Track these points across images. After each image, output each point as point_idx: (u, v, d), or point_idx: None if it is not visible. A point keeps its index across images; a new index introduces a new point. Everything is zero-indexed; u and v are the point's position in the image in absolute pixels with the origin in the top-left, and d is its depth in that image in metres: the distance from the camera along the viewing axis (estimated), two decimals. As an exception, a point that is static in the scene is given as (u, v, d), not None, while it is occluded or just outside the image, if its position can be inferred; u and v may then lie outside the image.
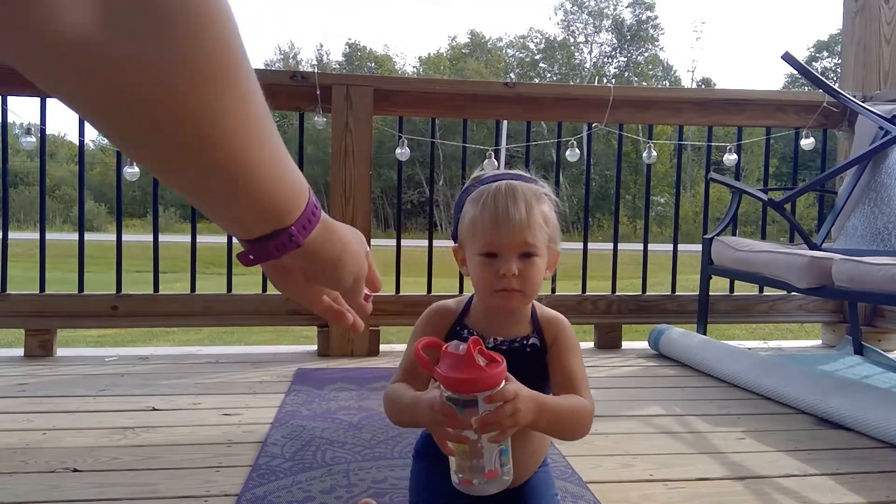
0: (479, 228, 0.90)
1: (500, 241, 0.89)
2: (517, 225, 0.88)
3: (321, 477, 1.36)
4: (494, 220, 0.88)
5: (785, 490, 1.37)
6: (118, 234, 2.62)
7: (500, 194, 0.90)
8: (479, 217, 0.90)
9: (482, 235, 0.90)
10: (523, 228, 0.88)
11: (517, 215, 0.88)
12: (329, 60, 40.42)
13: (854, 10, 3.01)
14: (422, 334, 0.98)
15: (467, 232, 0.93)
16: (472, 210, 0.92)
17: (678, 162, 3.53)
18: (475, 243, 0.91)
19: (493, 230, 0.89)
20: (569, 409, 0.90)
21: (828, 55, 36.74)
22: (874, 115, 2.57)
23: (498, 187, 0.91)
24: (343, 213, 2.57)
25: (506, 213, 0.88)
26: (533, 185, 0.94)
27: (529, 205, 0.89)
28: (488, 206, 0.89)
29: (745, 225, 9.98)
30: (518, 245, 0.89)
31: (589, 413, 0.93)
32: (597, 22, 40.18)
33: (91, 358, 2.49)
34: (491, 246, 0.90)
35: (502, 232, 0.88)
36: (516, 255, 0.89)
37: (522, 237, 0.88)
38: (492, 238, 0.89)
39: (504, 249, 0.89)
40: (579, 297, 2.85)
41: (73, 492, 1.30)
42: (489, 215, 0.89)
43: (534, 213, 0.89)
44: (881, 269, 1.81)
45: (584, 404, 0.93)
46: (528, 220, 0.88)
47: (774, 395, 2.00)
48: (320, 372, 2.29)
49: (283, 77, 2.71)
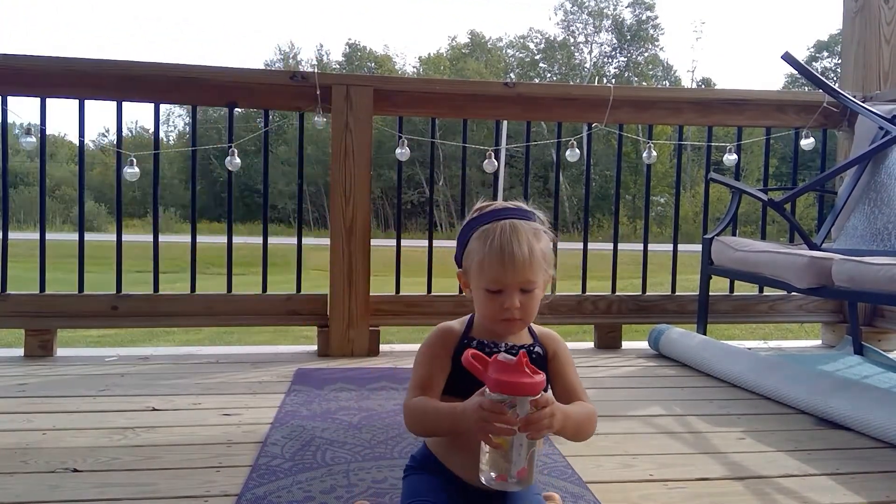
0: (486, 267, 1.00)
1: (505, 280, 0.99)
2: (520, 266, 0.98)
3: (321, 477, 1.36)
4: (500, 262, 0.98)
5: (785, 490, 1.37)
6: (118, 235, 2.62)
7: (505, 236, 1.00)
8: (487, 257, 1.00)
9: (488, 273, 1.00)
10: (525, 269, 0.98)
11: (521, 257, 0.98)
12: (329, 60, 40.40)
13: (854, 11, 3.01)
14: (431, 352, 1.07)
15: (475, 269, 1.03)
16: (479, 248, 1.01)
17: (678, 162, 3.53)
18: (481, 279, 1.01)
19: (498, 270, 0.99)
20: (585, 416, 1.03)
21: (828, 55, 36.71)
22: (874, 115, 2.57)
23: (503, 229, 1.00)
24: (343, 213, 2.57)
25: (511, 256, 0.98)
26: (532, 224, 1.04)
27: (531, 246, 0.99)
28: (494, 248, 0.99)
29: (745, 225, 9.98)
30: (520, 283, 1.00)
31: (596, 417, 1.06)
32: (597, 22, 40.15)
33: (91, 358, 2.49)
34: (496, 283, 1.00)
35: (507, 272, 0.98)
36: (518, 290, 1.00)
37: (525, 276, 0.99)
38: (497, 276, 0.99)
39: (508, 287, 1.00)
40: (579, 297, 2.85)
41: (73, 492, 1.30)
42: (495, 257, 0.99)
43: (535, 254, 0.99)
44: (881, 269, 1.81)
45: (593, 410, 1.05)
46: (530, 261, 0.99)
47: (774, 395, 2.00)
48: (320, 372, 2.29)
49: (283, 77, 2.72)
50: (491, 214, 1.04)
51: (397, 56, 41.78)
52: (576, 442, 1.06)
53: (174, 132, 38.47)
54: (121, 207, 2.69)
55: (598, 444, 1.62)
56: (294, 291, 2.71)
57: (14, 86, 2.47)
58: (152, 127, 2.76)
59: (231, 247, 2.69)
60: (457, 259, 1.09)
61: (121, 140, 2.68)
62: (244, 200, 24.97)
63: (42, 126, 2.55)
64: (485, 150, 2.80)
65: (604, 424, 1.77)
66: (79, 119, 2.56)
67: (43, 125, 2.55)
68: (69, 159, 30.64)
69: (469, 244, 1.05)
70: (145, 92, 2.56)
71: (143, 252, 3.56)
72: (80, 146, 2.62)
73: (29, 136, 2.52)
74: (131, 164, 2.56)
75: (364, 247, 2.60)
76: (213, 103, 2.75)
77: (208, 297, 2.64)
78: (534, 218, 1.05)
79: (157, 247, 2.66)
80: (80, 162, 2.64)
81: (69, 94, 2.51)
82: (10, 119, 2.49)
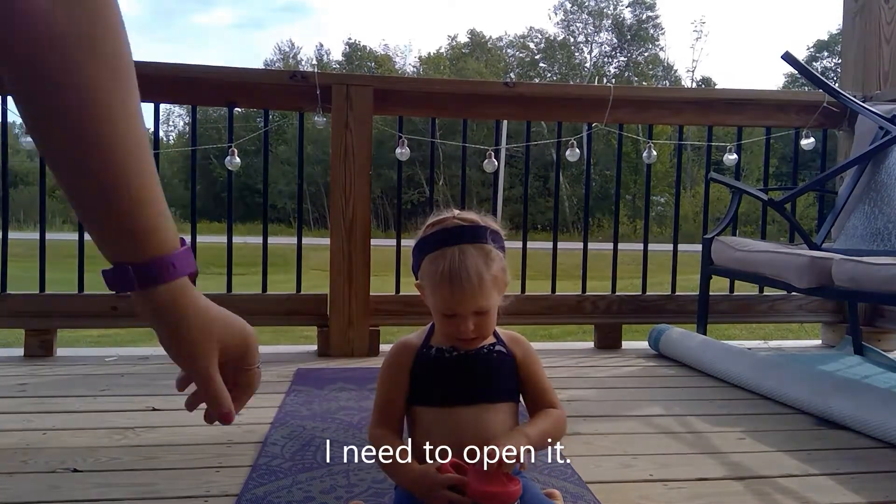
0: (438, 296, 1.01)
1: (457, 309, 1.00)
2: (470, 296, 0.99)
3: (321, 477, 1.36)
4: (451, 293, 0.99)
5: (785, 490, 1.37)
6: (118, 234, 2.61)
7: (454, 266, 0.99)
8: (438, 287, 1.01)
9: (441, 302, 1.02)
10: (476, 297, 1.00)
11: (470, 289, 0.99)
12: (329, 60, 40.40)
13: (854, 10, 3.01)
14: (387, 374, 1.09)
15: (428, 292, 1.04)
16: (431, 274, 1.02)
17: (678, 162, 3.52)
18: (435, 303, 1.03)
19: (449, 300, 1.00)
20: (551, 426, 1.06)
21: (828, 55, 36.71)
22: (874, 115, 2.57)
23: (451, 259, 1.00)
24: (343, 212, 2.57)
25: (461, 289, 0.99)
26: (483, 247, 1.02)
27: (480, 275, 0.99)
28: (444, 278, 1.00)
29: (745, 225, 9.99)
30: (473, 308, 1.01)
31: (564, 420, 1.09)
32: (597, 22, 40.15)
33: (91, 358, 2.49)
34: (449, 310, 1.01)
35: (457, 303, 1.00)
36: (472, 314, 1.01)
37: (476, 304, 1.00)
38: (449, 305, 1.01)
39: (461, 313, 1.01)
40: (579, 297, 2.85)
41: (73, 492, 1.30)
42: (446, 288, 1.00)
43: (484, 282, 1.00)
44: (881, 269, 1.81)
45: (560, 416, 1.09)
46: (479, 289, 0.99)
47: (774, 395, 2.00)
48: (320, 372, 2.29)
49: (283, 77, 2.72)
50: (441, 239, 1.03)
51: (397, 56, 41.74)
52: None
53: (174, 132, 38.51)
54: (121, 207, 2.68)
55: (598, 444, 1.62)
56: (294, 291, 2.71)
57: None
58: (152, 127, 2.76)
59: (231, 247, 2.69)
60: (414, 271, 1.10)
61: (121, 140, 2.67)
62: (244, 200, 24.94)
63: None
64: (485, 150, 2.80)
65: (604, 424, 1.77)
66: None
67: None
68: (69, 159, 30.59)
69: (422, 266, 1.05)
70: (145, 92, 2.54)
71: (143, 252, 3.55)
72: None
73: (29, 136, 2.52)
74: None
75: (364, 247, 2.60)
76: (212, 103, 2.75)
77: (208, 297, 2.63)
78: (485, 237, 1.03)
79: (157, 247, 2.66)
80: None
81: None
82: (10, 119, 2.50)
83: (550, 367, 2.39)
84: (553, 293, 2.85)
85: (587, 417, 1.83)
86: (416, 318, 2.70)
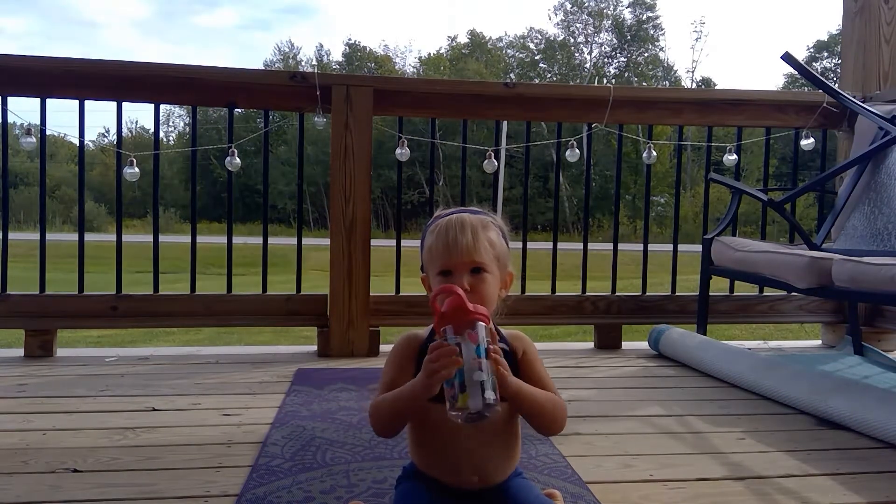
0: (434, 253, 1.06)
1: (452, 261, 1.04)
2: (464, 248, 1.04)
3: (321, 477, 1.36)
4: (446, 245, 1.05)
5: (785, 490, 1.37)
6: (118, 235, 2.62)
7: (451, 225, 1.06)
8: (435, 244, 1.07)
9: (438, 259, 1.06)
10: (470, 250, 1.04)
11: (464, 240, 1.04)
12: (329, 61, 40.38)
13: (854, 11, 3.01)
14: (394, 359, 1.10)
15: (427, 258, 1.09)
16: (430, 239, 1.09)
17: (678, 162, 3.53)
18: (433, 266, 1.07)
19: (444, 253, 1.05)
20: (544, 396, 1.06)
21: (828, 55, 36.69)
22: (874, 115, 2.57)
23: (449, 220, 1.08)
24: (343, 213, 2.57)
25: (455, 240, 1.04)
26: (481, 216, 1.10)
27: (475, 231, 1.06)
28: (441, 235, 1.06)
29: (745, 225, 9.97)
30: (467, 263, 1.04)
31: (564, 406, 1.09)
32: (597, 22, 40.12)
33: (91, 358, 2.49)
34: (445, 265, 1.05)
35: (452, 255, 1.04)
36: (468, 271, 1.04)
37: (470, 257, 1.04)
38: (444, 260, 1.05)
39: (456, 268, 1.04)
40: (579, 297, 2.85)
41: (73, 492, 1.30)
42: (441, 242, 1.05)
43: (479, 238, 1.05)
44: (881, 269, 1.81)
45: (559, 401, 1.08)
46: (474, 243, 1.04)
47: (774, 396, 2.00)
48: (320, 372, 2.29)
49: (283, 77, 2.72)
50: (442, 215, 1.11)
51: (397, 57, 41.73)
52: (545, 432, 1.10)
53: (174, 132, 38.53)
54: (121, 208, 2.69)
55: (598, 444, 1.62)
56: (294, 292, 2.71)
57: (14, 86, 2.47)
58: (152, 127, 2.76)
59: (231, 247, 2.69)
60: (421, 267, 1.14)
61: (121, 140, 2.68)
62: (244, 200, 24.97)
63: (42, 126, 2.55)
64: (485, 150, 2.80)
65: (604, 424, 1.77)
66: (79, 119, 2.56)
67: (43, 125, 2.55)
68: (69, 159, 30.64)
69: (424, 248, 1.11)
70: (145, 92, 2.56)
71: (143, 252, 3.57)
72: (80, 146, 2.62)
73: (29, 137, 2.52)
74: (131, 164, 2.56)
75: (364, 247, 2.60)
76: (212, 103, 2.75)
77: (208, 297, 2.64)
78: (486, 215, 1.11)
79: (157, 247, 2.66)
80: (80, 162, 2.64)
81: (69, 95, 2.51)
82: (10, 119, 2.49)
83: (550, 368, 2.39)
84: (553, 293, 2.85)
85: (587, 417, 1.83)
86: (416, 318, 2.70)
